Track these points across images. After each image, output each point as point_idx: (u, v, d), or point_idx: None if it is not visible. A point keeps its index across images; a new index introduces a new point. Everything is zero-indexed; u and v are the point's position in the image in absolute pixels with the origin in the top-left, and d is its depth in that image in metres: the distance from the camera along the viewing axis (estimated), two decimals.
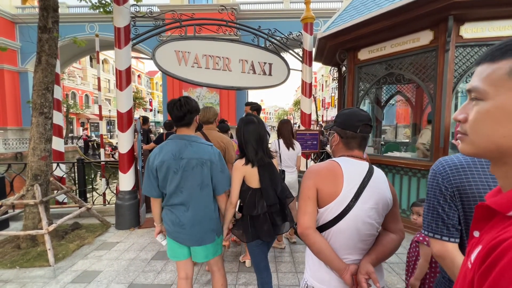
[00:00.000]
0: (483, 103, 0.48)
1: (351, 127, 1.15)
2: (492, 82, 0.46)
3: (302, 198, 1.15)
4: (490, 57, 0.48)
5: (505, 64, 0.45)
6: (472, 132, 0.50)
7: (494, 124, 0.46)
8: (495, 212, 0.47)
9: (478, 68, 0.52)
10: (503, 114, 0.45)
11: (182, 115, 1.62)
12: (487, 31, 3.08)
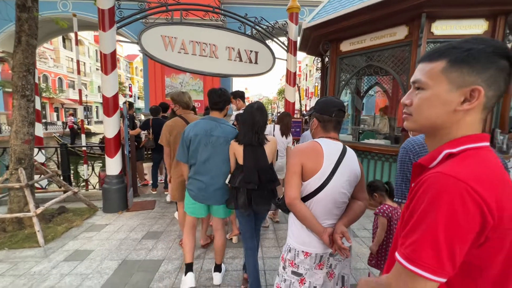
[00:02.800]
0: (424, 92, 0.67)
1: (327, 112, 1.36)
2: (431, 77, 0.65)
3: (289, 173, 1.34)
4: (429, 58, 0.67)
5: (439, 64, 0.64)
6: (416, 113, 0.69)
7: (431, 107, 0.66)
8: (424, 167, 0.68)
9: (419, 65, 0.71)
10: (438, 100, 0.64)
11: (220, 101, 2.06)
12: (455, 29, 3.38)
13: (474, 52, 0.60)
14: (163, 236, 3.09)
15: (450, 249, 0.54)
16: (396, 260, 0.61)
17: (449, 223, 0.53)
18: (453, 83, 0.62)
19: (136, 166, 4.59)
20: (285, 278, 1.44)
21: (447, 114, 0.64)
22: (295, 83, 4.99)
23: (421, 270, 0.55)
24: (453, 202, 0.53)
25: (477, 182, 0.54)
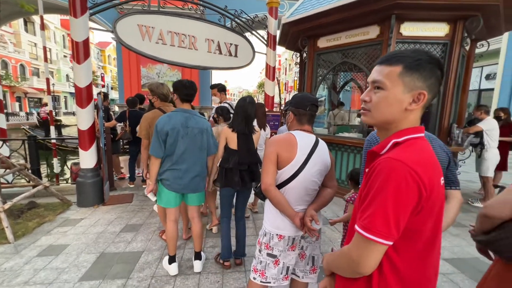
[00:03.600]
0: (383, 91, 0.78)
1: (302, 106, 1.48)
2: (389, 78, 0.77)
3: (266, 162, 1.45)
4: (388, 61, 0.79)
5: (397, 69, 0.76)
6: (373, 110, 0.81)
7: (388, 105, 0.77)
8: (376, 154, 0.80)
9: (378, 67, 0.82)
10: (394, 99, 0.76)
11: (192, 93, 2.14)
12: (421, 31, 3.64)
13: (422, 62, 0.73)
14: (142, 228, 3.10)
15: (396, 218, 0.67)
16: (355, 231, 0.73)
17: (396, 198, 0.67)
18: (406, 86, 0.74)
19: (112, 159, 4.46)
20: (261, 260, 1.56)
21: (399, 112, 0.76)
22: (275, 77, 5.09)
23: (375, 236, 0.68)
24: (399, 181, 0.67)
25: (416, 164, 0.68)
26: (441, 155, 1.28)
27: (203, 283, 2.16)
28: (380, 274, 0.74)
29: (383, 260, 0.73)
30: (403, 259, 0.73)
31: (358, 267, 0.74)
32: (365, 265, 0.72)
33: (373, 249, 0.70)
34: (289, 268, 1.57)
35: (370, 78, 0.82)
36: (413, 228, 0.71)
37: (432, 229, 0.74)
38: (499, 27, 3.92)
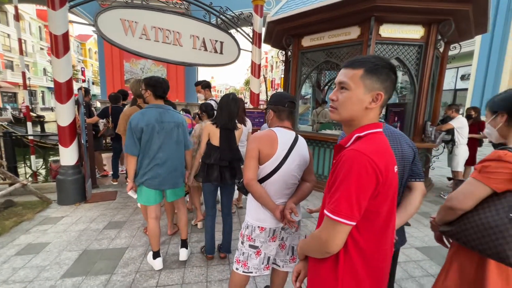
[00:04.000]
0: (348, 92, 0.87)
1: (281, 103, 1.56)
2: (353, 80, 0.86)
3: (248, 157, 1.51)
4: (352, 65, 0.87)
5: (359, 71, 0.85)
6: (340, 107, 0.90)
7: (351, 104, 0.86)
8: (342, 146, 0.89)
9: (344, 70, 0.90)
10: (357, 99, 0.85)
11: (167, 90, 2.16)
12: (398, 33, 3.82)
13: (379, 67, 0.83)
14: (126, 225, 3.09)
15: (358, 201, 0.77)
16: (324, 215, 0.82)
17: (358, 183, 0.76)
18: (367, 87, 0.84)
19: (95, 156, 4.37)
20: (243, 251, 1.64)
21: (360, 110, 0.86)
22: (260, 74, 5.15)
23: (341, 218, 0.78)
24: (360, 169, 0.76)
25: (374, 154, 0.78)
26: (407, 151, 1.39)
27: (188, 276, 2.21)
28: (346, 252, 0.84)
29: (348, 240, 0.83)
30: (364, 237, 0.84)
31: (327, 246, 0.83)
32: (333, 244, 0.82)
33: (339, 229, 0.80)
34: (270, 258, 1.65)
35: (337, 79, 0.91)
36: (372, 210, 0.81)
37: (388, 210, 0.85)
38: (470, 31, 4.17)
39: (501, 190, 1.01)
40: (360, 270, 0.85)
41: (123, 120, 2.48)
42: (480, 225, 1.03)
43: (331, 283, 0.88)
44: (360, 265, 0.84)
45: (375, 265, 0.87)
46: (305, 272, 1.05)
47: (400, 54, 3.91)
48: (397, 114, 3.38)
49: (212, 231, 2.43)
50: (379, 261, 0.88)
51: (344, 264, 0.85)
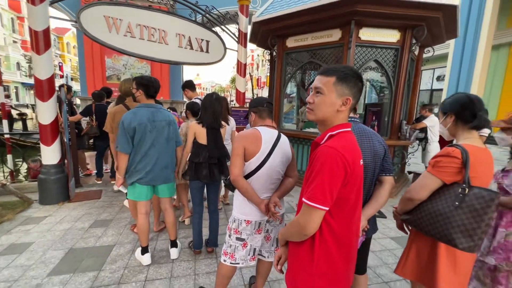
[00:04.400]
0: (323, 96, 0.99)
1: (260, 104, 1.70)
2: (326, 86, 0.98)
3: (234, 155, 1.61)
4: (326, 73, 1.00)
5: (332, 79, 0.97)
6: (316, 109, 1.01)
7: (325, 106, 0.98)
8: (317, 143, 1.01)
9: (319, 76, 1.02)
10: (329, 102, 0.97)
11: (158, 89, 2.21)
12: (376, 36, 4.03)
13: (348, 75, 0.96)
14: (112, 223, 3.09)
15: (330, 189, 0.90)
16: (302, 202, 0.95)
17: (330, 174, 0.89)
18: (338, 93, 0.97)
19: (78, 155, 4.29)
20: (230, 244, 1.74)
21: (333, 112, 0.99)
22: (245, 73, 5.23)
23: (316, 203, 0.90)
24: (332, 162, 0.89)
25: (344, 150, 0.91)
26: (378, 148, 1.54)
27: (176, 270, 2.28)
28: (321, 234, 0.98)
29: (322, 223, 0.96)
30: (336, 221, 0.97)
31: (305, 229, 0.96)
32: (310, 227, 0.95)
33: (315, 214, 0.93)
34: (256, 250, 1.76)
35: (314, 85, 1.03)
36: (342, 197, 0.94)
37: (355, 197, 0.99)
38: (442, 35, 4.47)
39: (449, 182, 1.18)
40: (332, 249, 0.98)
41: (110, 119, 2.50)
42: (432, 213, 1.19)
43: (308, 261, 1.00)
44: (332, 245, 0.98)
45: (345, 244, 1.01)
46: (286, 256, 1.17)
47: (378, 57, 4.13)
48: (375, 113, 3.60)
49: (200, 227, 2.51)
50: (348, 241, 1.02)
51: (320, 245, 0.98)
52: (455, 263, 1.25)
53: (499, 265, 1.52)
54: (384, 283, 2.23)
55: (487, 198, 1.07)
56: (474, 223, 1.09)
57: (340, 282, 1.04)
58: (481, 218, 1.08)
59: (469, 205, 1.10)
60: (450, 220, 1.13)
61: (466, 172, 1.13)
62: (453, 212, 1.13)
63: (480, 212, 1.08)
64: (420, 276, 1.37)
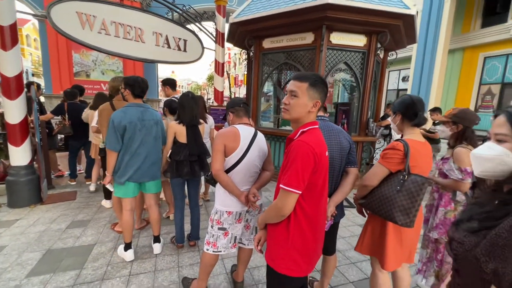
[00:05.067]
0: (297, 99, 1.16)
1: (236, 104, 1.86)
2: (301, 91, 1.15)
3: (214, 151, 1.75)
4: (300, 79, 1.17)
5: (305, 84, 1.14)
6: (291, 109, 1.19)
7: (299, 107, 1.16)
8: (291, 139, 1.19)
9: (294, 81, 1.20)
10: (303, 104, 1.15)
11: (146, 89, 2.28)
12: (345, 40, 4.34)
13: (317, 82, 1.14)
14: (91, 223, 3.07)
15: (303, 176, 1.08)
16: (280, 188, 1.12)
17: (302, 164, 1.07)
18: (309, 96, 1.15)
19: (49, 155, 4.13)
20: (213, 234, 1.88)
21: (305, 112, 1.17)
22: (223, 73, 5.33)
23: (292, 188, 1.08)
24: (304, 154, 1.07)
25: (313, 144, 1.09)
26: (345, 143, 1.76)
27: (160, 264, 2.37)
28: (295, 215, 1.16)
29: (296, 206, 1.15)
30: (307, 203, 1.16)
31: (282, 211, 1.14)
32: (286, 208, 1.13)
33: (291, 197, 1.11)
34: (236, 238, 1.92)
35: (289, 88, 1.20)
36: (312, 182, 1.13)
37: (322, 183, 1.19)
38: (403, 41, 4.91)
39: (395, 170, 1.43)
40: (304, 227, 1.17)
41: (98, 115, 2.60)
42: (381, 197, 1.43)
43: (284, 238, 1.19)
44: (304, 223, 1.17)
45: (315, 223, 1.21)
46: (265, 238, 1.34)
47: (347, 59, 4.45)
48: (345, 112, 3.90)
49: (182, 222, 2.61)
50: (317, 220, 1.22)
51: (294, 224, 1.17)
52: (401, 238, 1.51)
53: (440, 238, 1.82)
54: (352, 264, 2.50)
55: (420, 182, 1.33)
56: (410, 203, 1.34)
57: (310, 255, 1.24)
58: (415, 199, 1.34)
59: (407, 188, 1.35)
60: (393, 202, 1.37)
61: (406, 162, 1.37)
62: (395, 195, 1.38)
63: (414, 194, 1.33)
64: (374, 251, 1.62)
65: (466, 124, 1.78)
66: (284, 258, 1.20)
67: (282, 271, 1.22)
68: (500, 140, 0.70)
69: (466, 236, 0.73)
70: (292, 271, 1.21)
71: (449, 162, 1.82)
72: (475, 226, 0.72)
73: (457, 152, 1.76)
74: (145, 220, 3.10)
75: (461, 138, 1.81)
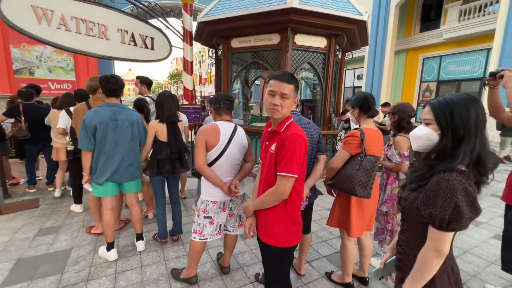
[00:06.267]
0: (287, 100, 1.36)
1: (217, 102, 2.00)
2: (290, 92, 1.35)
3: (197, 147, 1.89)
4: (288, 81, 1.35)
5: (292, 86, 1.35)
6: (283, 109, 1.37)
7: (288, 107, 1.36)
8: (277, 132, 1.39)
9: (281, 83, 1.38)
10: (291, 103, 1.35)
11: (117, 88, 2.23)
12: (308, 42, 4.70)
13: (297, 84, 1.35)
14: (63, 229, 2.94)
15: (301, 163, 1.29)
16: (279, 176, 1.30)
17: (299, 153, 1.29)
18: (294, 96, 1.36)
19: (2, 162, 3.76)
20: (199, 223, 2.02)
21: (290, 109, 1.37)
22: (193, 71, 5.35)
23: (293, 174, 1.28)
24: (300, 145, 1.29)
25: (302, 134, 1.33)
26: (315, 134, 2.02)
27: (145, 260, 2.42)
28: (289, 194, 1.36)
29: None
30: (298, 183, 1.37)
31: (283, 195, 1.33)
32: (286, 193, 1.33)
33: (290, 181, 1.31)
34: (221, 225, 2.09)
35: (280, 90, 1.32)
36: (303, 165, 1.35)
37: (306, 165, 1.42)
38: (357, 43, 5.47)
39: (354, 153, 1.74)
40: (296, 201, 1.40)
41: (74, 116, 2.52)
42: (344, 176, 1.74)
43: (282, 214, 1.38)
44: (296, 198, 1.39)
45: (301, 197, 1.44)
46: (255, 223, 1.52)
47: (311, 59, 4.83)
48: (310, 108, 4.26)
49: (164, 218, 2.67)
50: (302, 194, 1.45)
51: (290, 201, 1.37)
52: (362, 210, 1.84)
53: (388, 211, 2.22)
54: (324, 242, 2.83)
55: (373, 160, 1.66)
56: (366, 178, 1.67)
57: (300, 223, 1.47)
58: (370, 174, 1.66)
59: (364, 167, 1.67)
60: (354, 178, 1.69)
61: (363, 146, 1.69)
62: (355, 173, 1.69)
63: (369, 170, 1.66)
64: (341, 223, 1.93)
65: (401, 115, 2.17)
66: (283, 233, 1.40)
67: (284, 245, 1.41)
68: (427, 123, 0.99)
69: (409, 194, 1.02)
70: (291, 242, 1.42)
71: (391, 149, 2.22)
72: (414, 186, 1.01)
73: (397, 140, 2.16)
74: (123, 221, 3.07)
75: (399, 128, 2.21)
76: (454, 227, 0.86)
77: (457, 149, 0.91)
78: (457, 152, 0.91)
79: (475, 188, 0.89)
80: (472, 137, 0.90)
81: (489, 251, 2.68)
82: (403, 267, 1.05)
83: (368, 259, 2.13)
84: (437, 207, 0.87)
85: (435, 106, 0.97)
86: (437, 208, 0.87)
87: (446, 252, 0.90)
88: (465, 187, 0.86)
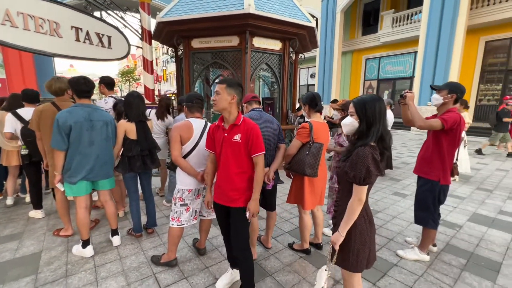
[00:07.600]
0: (220, 95, 1.68)
1: (190, 101, 2.26)
2: (221, 90, 1.68)
3: (172, 141, 2.12)
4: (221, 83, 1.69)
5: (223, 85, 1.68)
6: (218, 103, 1.70)
7: (223, 101, 1.69)
8: (236, 124, 1.72)
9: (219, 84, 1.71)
10: (225, 99, 1.68)
11: (89, 89, 2.33)
12: (265, 44, 5.11)
13: (232, 83, 1.69)
14: (26, 235, 2.84)
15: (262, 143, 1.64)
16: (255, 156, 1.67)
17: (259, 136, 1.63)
18: (228, 93, 1.68)
19: None
20: (176, 210, 2.25)
21: (227, 104, 1.69)
22: (153, 70, 5.34)
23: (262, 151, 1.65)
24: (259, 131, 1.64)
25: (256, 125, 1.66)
26: (276, 127, 2.40)
27: (123, 252, 2.54)
28: None
29: None
30: None
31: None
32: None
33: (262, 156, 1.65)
34: (196, 212, 2.35)
35: (216, 89, 1.69)
36: None
37: None
38: (308, 46, 6.08)
39: (304, 142, 2.19)
40: None
41: (36, 116, 2.44)
42: (298, 160, 2.17)
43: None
44: None
45: None
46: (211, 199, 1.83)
47: (268, 61, 5.26)
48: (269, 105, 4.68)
49: (138, 213, 2.80)
50: None
51: None
52: (313, 187, 2.30)
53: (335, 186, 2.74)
54: (286, 221, 3.28)
55: (318, 147, 2.13)
56: (314, 161, 2.12)
57: None
58: (316, 158, 2.12)
59: (312, 152, 2.12)
60: (304, 162, 2.13)
61: (311, 135, 2.14)
62: (305, 157, 2.13)
63: (316, 155, 2.12)
64: (297, 200, 2.37)
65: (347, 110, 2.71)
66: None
67: None
68: (351, 115, 1.43)
69: (342, 164, 1.44)
70: None
71: (342, 136, 2.74)
72: (344, 158, 1.44)
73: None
74: (93, 221, 3.08)
75: None
76: (367, 181, 1.30)
77: (368, 131, 1.36)
78: (369, 133, 1.36)
79: (379, 156, 1.34)
80: (377, 123, 1.36)
81: (410, 215, 3.42)
82: (337, 219, 1.48)
83: (321, 227, 2.61)
84: (357, 170, 1.30)
85: (355, 103, 1.41)
86: (357, 170, 1.30)
87: (364, 199, 1.34)
88: (373, 156, 1.30)
